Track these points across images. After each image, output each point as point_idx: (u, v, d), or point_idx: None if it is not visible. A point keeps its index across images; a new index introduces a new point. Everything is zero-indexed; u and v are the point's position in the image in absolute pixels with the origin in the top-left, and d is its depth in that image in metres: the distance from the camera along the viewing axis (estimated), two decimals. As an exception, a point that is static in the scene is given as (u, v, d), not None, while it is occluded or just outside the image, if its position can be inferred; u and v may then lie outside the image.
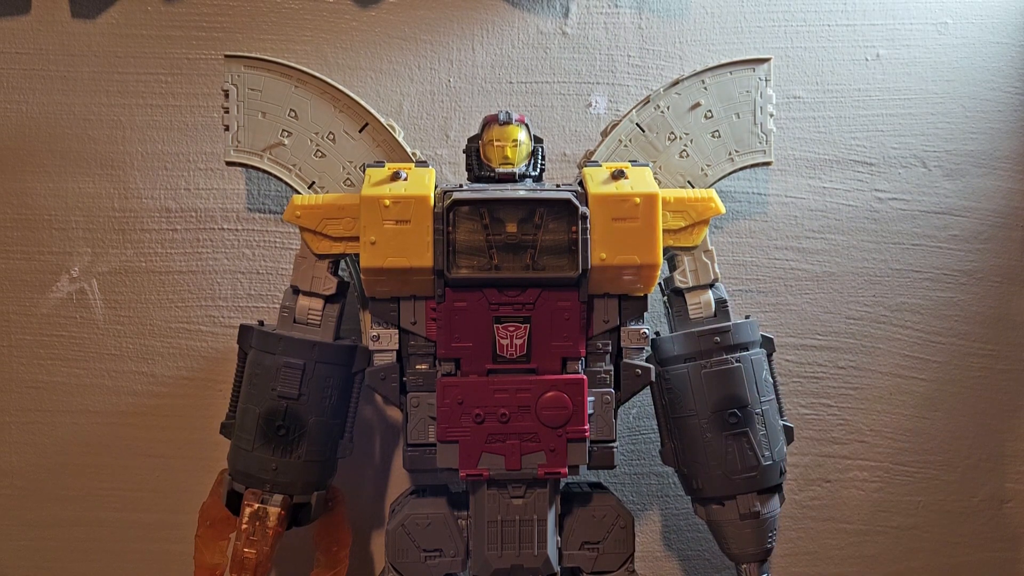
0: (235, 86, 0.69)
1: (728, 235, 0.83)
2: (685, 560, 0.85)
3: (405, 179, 0.63)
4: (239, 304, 0.81)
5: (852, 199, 0.84)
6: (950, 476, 0.86)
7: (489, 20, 0.82)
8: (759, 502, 0.68)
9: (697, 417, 0.68)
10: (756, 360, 0.69)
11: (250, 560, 0.67)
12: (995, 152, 0.85)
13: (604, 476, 0.82)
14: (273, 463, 0.66)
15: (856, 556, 0.86)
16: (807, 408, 0.85)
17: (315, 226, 0.66)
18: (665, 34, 0.82)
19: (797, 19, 0.83)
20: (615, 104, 0.82)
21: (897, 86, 0.84)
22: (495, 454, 0.64)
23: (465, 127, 0.81)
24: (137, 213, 0.80)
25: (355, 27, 0.81)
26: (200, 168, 0.81)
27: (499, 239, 0.62)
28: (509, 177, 0.66)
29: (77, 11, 0.80)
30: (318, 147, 0.70)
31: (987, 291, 0.85)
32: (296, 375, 0.66)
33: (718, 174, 0.72)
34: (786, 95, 0.83)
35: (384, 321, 0.65)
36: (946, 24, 0.84)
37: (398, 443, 0.81)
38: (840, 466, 0.85)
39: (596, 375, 0.66)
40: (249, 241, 0.81)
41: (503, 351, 0.64)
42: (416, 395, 0.65)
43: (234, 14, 0.80)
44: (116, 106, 0.80)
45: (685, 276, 0.70)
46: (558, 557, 0.67)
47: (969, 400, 0.86)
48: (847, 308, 0.84)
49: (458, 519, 0.67)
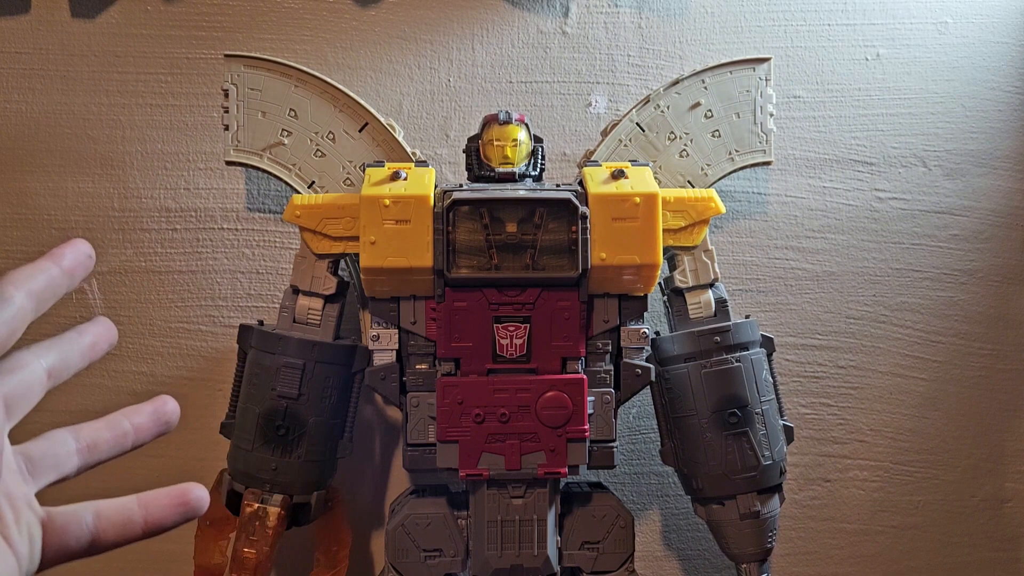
0: (235, 86, 0.69)
1: (728, 235, 0.83)
2: (685, 560, 0.85)
3: (405, 179, 0.63)
4: (239, 304, 0.81)
5: (852, 199, 0.84)
6: (950, 476, 0.86)
7: (489, 20, 0.82)
8: (759, 502, 0.68)
9: (697, 417, 0.68)
10: (756, 360, 0.69)
11: (250, 560, 0.67)
12: (995, 152, 0.85)
13: (604, 476, 0.82)
14: (273, 463, 0.66)
15: (856, 556, 0.86)
16: (807, 408, 0.85)
17: (315, 226, 0.66)
18: (665, 34, 0.82)
19: (797, 19, 0.83)
20: (615, 104, 0.82)
21: (897, 86, 0.84)
22: (495, 454, 0.64)
23: (465, 127, 0.81)
24: (137, 213, 0.80)
25: (355, 27, 0.81)
26: (200, 168, 0.81)
27: (499, 239, 0.62)
28: (509, 177, 0.66)
29: (77, 11, 0.80)
30: (318, 147, 0.70)
31: (987, 291, 0.85)
32: (296, 375, 0.66)
33: (718, 174, 0.72)
34: (786, 95, 0.83)
35: (384, 321, 0.65)
36: (946, 24, 0.84)
37: (398, 443, 0.81)
38: (840, 466, 0.85)
39: (596, 375, 0.66)
40: (249, 241, 0.81)
41: (503, 351, 0.64)
42: (416, 395, 0.65)
43: (234, 14, 0.80)
44: (116, 106, 0.80)
45: (685, 276, 0.70)
46: (558, 557, 0.67)
47: (969, 400, 0.86)
48: (847, 308, 0.84)
49: (458, 519, 0.67)
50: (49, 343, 0.41)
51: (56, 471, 0.41)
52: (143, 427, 0.43)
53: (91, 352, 0.43)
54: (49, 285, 0.40)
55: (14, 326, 0.38)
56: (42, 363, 0.40)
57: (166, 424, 0.44)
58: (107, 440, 0.42)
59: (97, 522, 0.41)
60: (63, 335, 0.42)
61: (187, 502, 0.43)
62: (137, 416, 0.43)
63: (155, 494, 0.43)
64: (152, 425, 0.44)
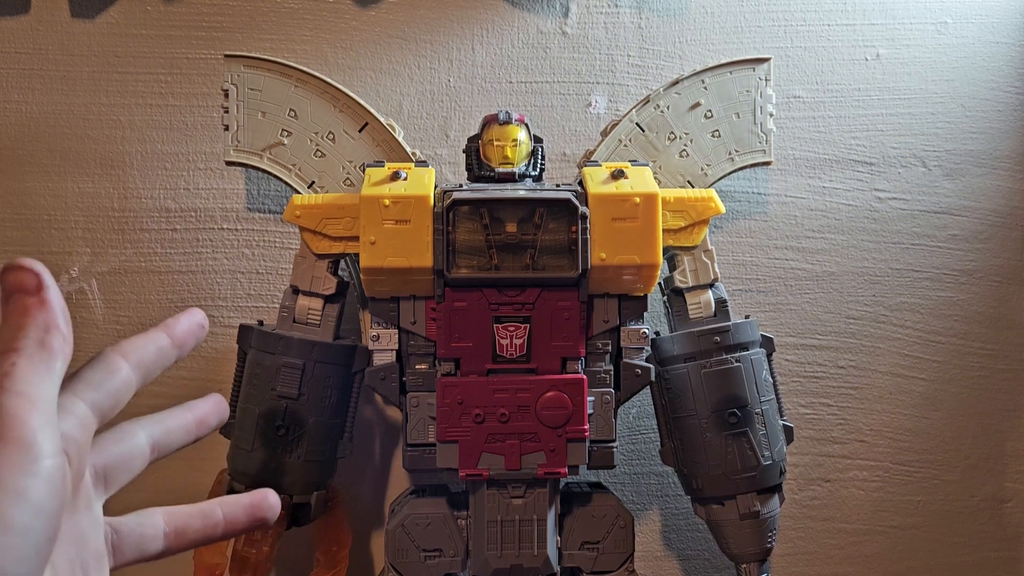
0: (235, 86, 0.69)
1: (728, 235, 0.83)
2: (685, 560, 0.85)
3: (405, 179, 0.63)
4: (239, 304, 0.81)
5: (852, 199, 0.84)
6: (950, 476, 0.86)
7: (489, 20, 0.82)
8: (759, 502, 0.68)
9: (697, 417, 0.68)
10: (756, 360, 0.69)
11: (250, 560, 0.67)
12: (995, 152, 0.85)
13: (604, 476, 0.82)
14: (273, 463, 0.66)
15: (856, 556, 0.86)
16: (807, 408, 0.85)
17: (315, 226, 0.66)
18: (665, 34, 0.82)
19: (797, 19, 0.83)
20: (615, 104, 0.82)
21: (897, 86, 0.84)
22: (495, 454, 0.64)
23: (465, 127, 0.81)
24: (136, 213, 0.80)
25: (355, 27, 0.81)
26: (199, 168, 0.81)
27: (499, 239, 0.62)
28: (509, 177, 0.66)
29: (77, 11, 0.80)
30: (318, 147, 0.70)
31: (987, 291, 0.85)
32: (296, 375, 0.66)
33: (718, 174, 0.72)
34: (786, 95, 0.83)
35: (384, 321, 0.65)
36: (946, 24, 0.84)
37: (398, 443, 0.81)
38: (840, 466, 0.85)
39: (596, 375, 0.66)
40: (249, 241, 0.81)
41: (503, 351, 0.64)
42: (416, 395, 0.65)
43: (234, 14, 0.80)
44: (116, 106, 0.80)
45: (685, 276, 0.70)
46: (558, 557, 0.67)
47: (969, 400, 0.86)
48: (847, 308, 0.84)
49: (458, 519, 0.67)
50: (156, 417, 0.41)
51: (139, 552, 0.40)
52: (237, 521, 0.43)
53: (198, 429, 0.43)
54: (159, 357, 0.40)
55: (119, 397, 0.38)
56: (145, 435, 0.40)
57: (262, 521, 0.44)
58: (197, 529, 0.42)
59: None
60: (172, 409, 0.42)
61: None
62: (233, 508, 0.43)
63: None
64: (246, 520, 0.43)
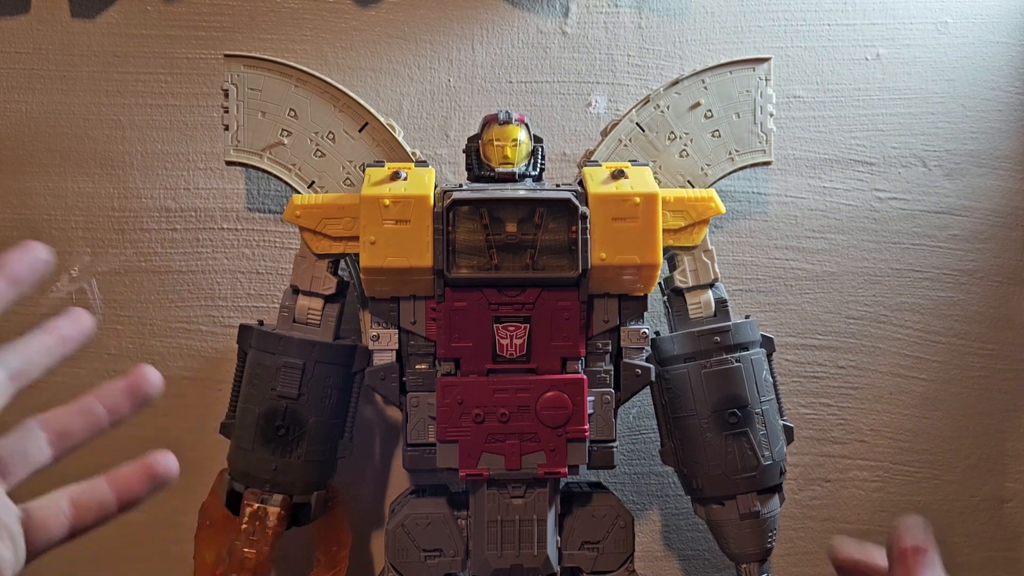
0: (235, 86, 0.69)
1: (728, 235, 0.83)
2: (685, 560, 0.84)
3: (405, 179, 0.63)
4: (239, 304, 0.81)
5: (852, 199, 0.84)
6: (950, 476, 0.86)
7: (489, 20, 0.82)
8: (759, 502, 0.68)
9: (697, 417, 0.68)
10: (756, 360, 0.69)
11: (250, 560, 0.67)
12: (995, 152, 0.85)
13: (604, 476, 0.82)
14: (273, 463, 0.66)
15: (856, 556, 0.85)
16: (807, 408, 0.85)
17: (315, 226, 0.66)
18: (665, 34, 0.82)
19: (797, 19, 0.83)
20: (615, 104, 0.82)
21: (897, 86, 0.84)
22: (495, 454, 0.64)
23: (465, 127, 0.81)
24: (136, 213, 0.80)
25: (355, 27, 0.81)
26: (199, 168, 0.81)
27: (499, 239, 0.62)
28: (509, 177, 0.66)
29: (77, 11, 0.80)
30: (318, 147, 0.70)
31: (987, 291, 0.85)
32: (296, 375, 0.66)
33: (718, 174, 0.72)
34: (786, 95, 0.82)
35: (384, 321, 0.65)
36: (946, 24, 0.84)
37: (398, 443, 0.81)
38: (840, 466, 0.85)
39: (596, 375, 0.66)
40: (249, 241, 0.81)
41: (503, 351, 0.64)
42: (416, 395, 0.65)
43: (234, 14, 0.80)
44: (116, 106, 0.80)
45: (685, 276, 0.70)
46: (558, 557, 0.67)
47: (969, 400, 0.86)
48: (847, 308, 0.84)
49: (458, 519, 0.67)
50: (7, 346, 0.40)
51: (28, 466, 0.40)
52: (118, 406, 0.42)
53: (61, 347, 0.42)
54: None
55: None
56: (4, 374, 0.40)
57: (145, 396, 0.42)
58: (79, 425, 0.41)
59: (74, 508, 0.41)
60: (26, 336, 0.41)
61: (155, 473, 0.42)
62: (110, 395, 0.42)
63: (123, 469, 0.42)
64: (129, 402, 0.42)
